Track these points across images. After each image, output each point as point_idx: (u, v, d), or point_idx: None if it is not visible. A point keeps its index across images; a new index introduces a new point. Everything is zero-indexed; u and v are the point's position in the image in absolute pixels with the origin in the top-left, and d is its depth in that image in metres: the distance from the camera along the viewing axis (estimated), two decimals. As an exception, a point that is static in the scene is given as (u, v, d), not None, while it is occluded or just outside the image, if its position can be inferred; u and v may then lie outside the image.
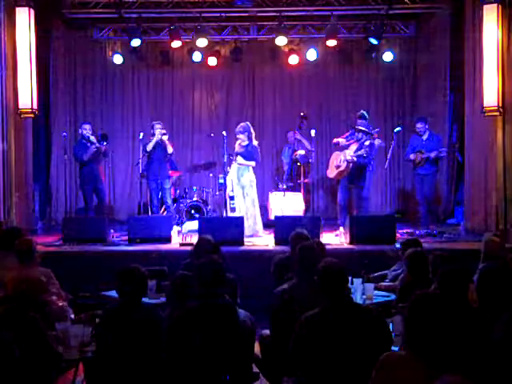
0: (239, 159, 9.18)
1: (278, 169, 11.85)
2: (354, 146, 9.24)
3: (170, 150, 9.57)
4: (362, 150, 9.05)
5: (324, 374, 3.59)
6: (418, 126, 9.45)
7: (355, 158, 9.11)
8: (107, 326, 4.15)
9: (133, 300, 4.14)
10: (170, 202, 9.75)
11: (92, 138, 9.47)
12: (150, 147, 9.50)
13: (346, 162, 9.15)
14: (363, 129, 9.20)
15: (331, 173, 9.60)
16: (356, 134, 9.30)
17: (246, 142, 9.23)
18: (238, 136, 9.28)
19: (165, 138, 9.52)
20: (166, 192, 9.73)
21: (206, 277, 4.08)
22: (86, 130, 9.59)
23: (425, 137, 9.37)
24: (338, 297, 3.74)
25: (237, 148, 9.24)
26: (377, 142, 9.42)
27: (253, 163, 9.26)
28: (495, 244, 5.57)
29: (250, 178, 9.19)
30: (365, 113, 9.63)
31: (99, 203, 9.77)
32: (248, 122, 9.69)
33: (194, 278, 4.32)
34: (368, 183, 9.77)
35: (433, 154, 9.15)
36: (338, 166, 9.34)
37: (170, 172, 10.31)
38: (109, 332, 4.11)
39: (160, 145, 9.53)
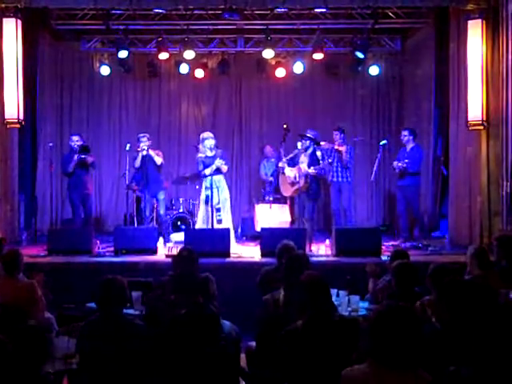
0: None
1: (262, 183, 11.85)
2: (303, 158, 9.04)
3: (158, 161, 9.59)
4: (321, 163, 8.93)
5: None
6: (402, 134, 9.59)
7: (315, 171, 8.84)
8: (88, 337, 4.13)
9: (112, 311, 4.11)
10: (162, 212, 9.77)
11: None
12: (137, 163, 9.62)
13: (303, 178, 8.85)
14: (310, 136, 9.02)
15: (286, 191, 9.30)
16: (303, 141, 9.10)
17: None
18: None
19: (150, 151, 9.54)
20: (160, 203, 9.74)
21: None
22: (74, 141, 9.67)
23: (408, 148, 9.48)
24: (321, 309, 3.75)
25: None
26: (343, 148, 9.56)
27: None
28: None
29: None
30: (340, 126, 9.80)
31: (85, 214, 9.78)
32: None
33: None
34: (348, 194, 9.83)
35: (399, 164, 9.24)
36: (293, 183, 9.02)
37: None
38: (90, 344, 4.08)
39: (150, 157, 9.56)
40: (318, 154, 9.09)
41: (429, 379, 2.82)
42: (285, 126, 9.73)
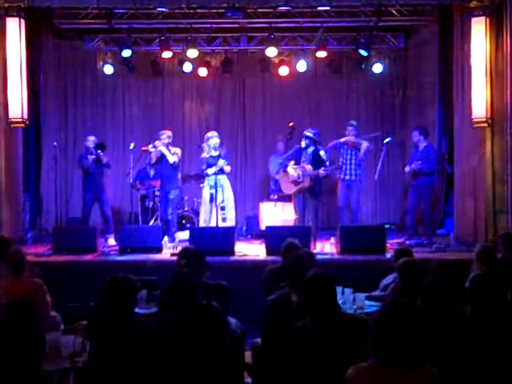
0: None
1: (268, 179, 11.85)
2: (304, 157, 8.97)
3: (170, 159, 9.45)
4: (329, 167, 8.90)
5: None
6: (413, 134, 9.53)
7: (324, 172, 8.75)
8: (97, 335, 4.14)
9: (122, 309, 4.11)
10: (169, 211, 9.56)
11: (92, 150, 9.53)
12: (152, 160, 9.62)
13: (308, 177, 8.76)
14: (310, 135, 8.96)
15: (288, 189, 9.17)
16: (304, 140, 9.01)
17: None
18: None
19: (163, 149, 9.48)
20: (169, 202, 9.58)
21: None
22: (90, 141, 9.63)
23: (420, 148, 9.40)
24: (326, 308, 3.75)
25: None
26: (364, 144, 9.56)
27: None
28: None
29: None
30: (353, 122, 9.74)
31: (102, 214, 9.74)
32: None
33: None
34: (358, 193, 9.78)
35: (413, 166, 9.19)
36: (296, 182, 8.91)
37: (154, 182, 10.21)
38: (98, 342, 4.09)
39: (164, 155, 9.51)
40: (322, 153, 9.06)
41: (436, 375, 2.83)
42: (291, 125, 9.69)
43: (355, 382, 2.86)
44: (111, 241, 9.40)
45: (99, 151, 9.52)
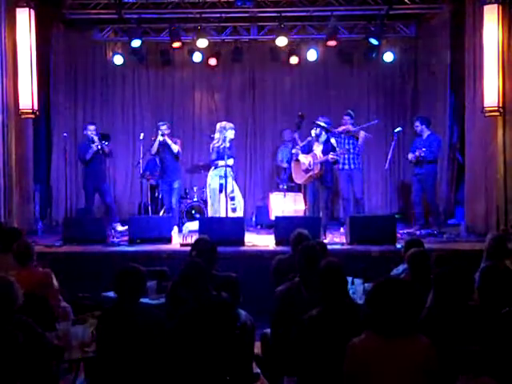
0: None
1: (277, 169, 11.83)
2: (317, 146, 8.96)
3: (174, 149, 9.50)
4: (338, 150, 8.89)
5: (324, 374, 3.59)
6: (415, 124, 9.48)
7: (334, 157, 8.71)
8: (106, 326, 4.15)
9: (131, 300, 4.12)
10: (174, 201, 9.62)
11: (95, 139, 9.52)
12: (153, 150, 9.60)
13: (318, 165, 8.74)
14: (320, 123, 8.94)
15: (300, 178, 9.19)
16: (314, 129, 9.00)
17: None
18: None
19: (167, 139, 9.48)
20: (174, 192, 9.63)
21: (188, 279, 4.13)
22: (90, 130, 9.64)
23: (424, 136, 9.35)
24: (339, 296, 3.75)
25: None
26: (362, 133, 9.42)
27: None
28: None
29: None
30: (350, 111, 9.71)
31: (104, 203, 9.78)
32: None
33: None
34: (360, 182, 9.73)
35: (417, 153, 9.12)
36: (307, 170, 8.92)
37: None
38: (108, 332, 4.10)
39: (167, 145, 9.52)
40: (333, 141, 9.04)
41: (428, 344, 2.98)
42: (300, 114, 9.62)
43: (353, 355, 3.03)
44: (119, 227, 9.44)
45: (104, 142, 9.51)
